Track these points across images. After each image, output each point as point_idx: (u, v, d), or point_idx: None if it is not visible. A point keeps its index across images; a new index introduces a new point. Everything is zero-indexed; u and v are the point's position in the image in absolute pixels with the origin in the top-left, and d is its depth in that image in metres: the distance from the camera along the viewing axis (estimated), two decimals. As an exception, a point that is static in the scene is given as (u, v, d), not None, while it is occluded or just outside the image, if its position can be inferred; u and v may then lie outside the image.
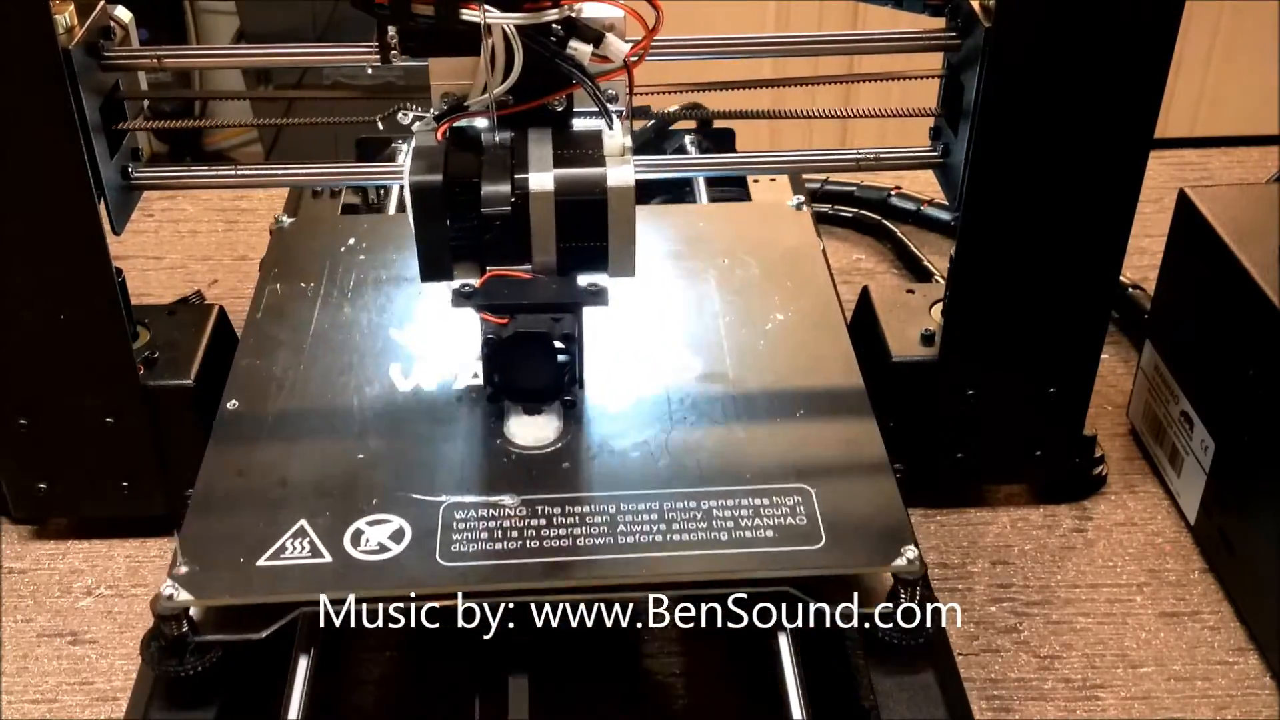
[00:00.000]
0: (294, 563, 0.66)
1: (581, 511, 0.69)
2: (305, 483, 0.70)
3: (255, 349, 0.80)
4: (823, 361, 0.79)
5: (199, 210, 1.20)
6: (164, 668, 0.65)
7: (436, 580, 0.65)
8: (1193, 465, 0.86)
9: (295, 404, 0.76)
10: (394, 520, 0.68)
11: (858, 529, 0.68)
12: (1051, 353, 0.82)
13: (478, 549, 0.66)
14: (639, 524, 0.68)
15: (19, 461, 0.83)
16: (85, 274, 0.75)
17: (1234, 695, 0.76)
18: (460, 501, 0.69)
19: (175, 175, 0.82)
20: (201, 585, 0.65)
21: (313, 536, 0.67)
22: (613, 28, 0.66)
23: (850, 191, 1.17)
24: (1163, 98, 0.72)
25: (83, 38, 0.71)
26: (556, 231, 0.67)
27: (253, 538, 0.67)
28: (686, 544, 0.67)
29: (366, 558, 0.66)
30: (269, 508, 0.69)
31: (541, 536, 0.67)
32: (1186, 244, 0.86)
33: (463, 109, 0.68)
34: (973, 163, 0.74)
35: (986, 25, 0.70)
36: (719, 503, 0.69)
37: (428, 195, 0.67)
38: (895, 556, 0.66)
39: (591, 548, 0.67)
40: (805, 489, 0.70)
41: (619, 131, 0.69)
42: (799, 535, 0.67)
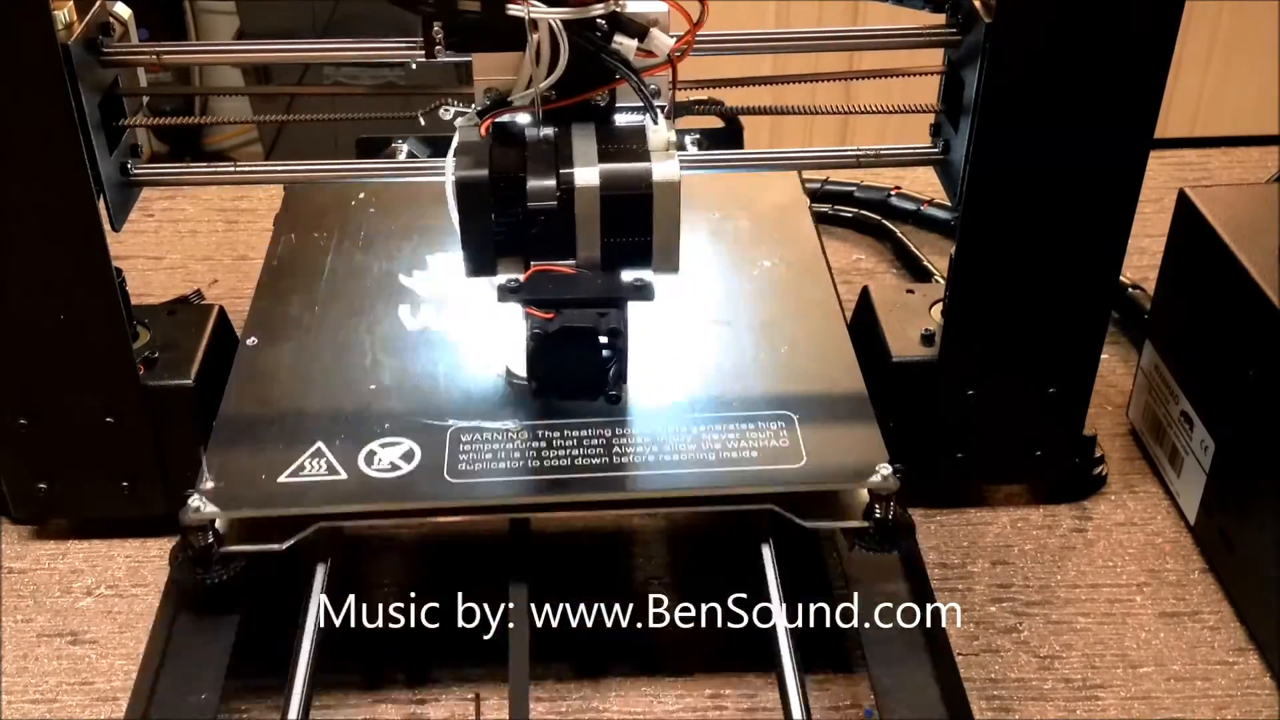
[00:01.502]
0: (313, 479, 0.71)
1: (579, 435, 0.73)
2: (321, 410, 0.75)
3: (272, 292, 0.85)
4: (807, 302, 0.84)
5: (199, 210, 1.20)
6: (190, 577, 0.71)
7: (445, 496, 0.70)
8: (1193, 465, 0.86)
9: (310, 340, 0.81)
10: (405, 442, 0.73)
11: (836, 451, 0.73)
12: (1051, 353, 0.82)
13: (483, 468, 0.72)
14: (632, 446, 0.73)
15: (19, 461, 0.82)
16: (85, 274, 0.75)
17: (1234, 695, 0.76)
18: (466, 426, 0.74)
19: (174, 172, 0.82)
20: (227, 499, 0.70)
21: (329, 456, 0.72)
22: (657, 22, 0.67)
23: (850, 191, 1.17)
24: (1163, 97, 0.72)
25: (82, 34, 0.71)
26: (601, 226, 0.68)
27: (273, 458, 0.72)
28: (676, 464, 0.72)
29: (379, 475, 0.71)
30: (288, 431, 0.74)
31: (542, 457, 0.72)
32: (1186, 244, 0.86)
33: (506, 104, 0.68)
34: (973, 159, 0.74)
35: (987, 21, 0.70)
36: (707, 427, 0.74)
37: (473, 190, 0.67)
38: (871, 473, 0.71)
39: (587, 467, 0.72)
40: (788, 415, 0.75)
41: (663, 126, 0.69)
42: (782, 456, 0.73)
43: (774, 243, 0.90)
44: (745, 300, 0.84)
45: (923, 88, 0.79)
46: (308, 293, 0.85)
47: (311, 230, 0.91)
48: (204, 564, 0.71)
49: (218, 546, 0.70)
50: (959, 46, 0.75)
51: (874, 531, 0.73)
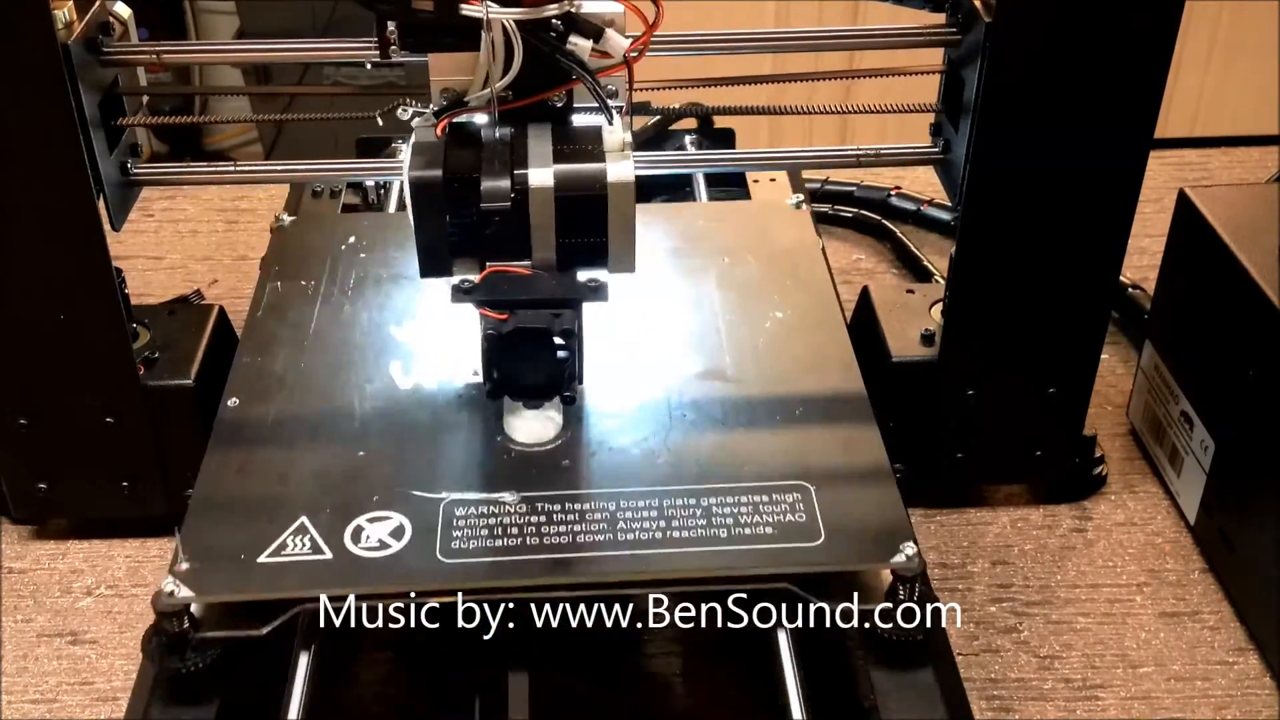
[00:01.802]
0: (295, 559, 0.66)
1: (581, 509, 0.69)
2: (306, 480, 0.71)
3: (256, 347, 0.80)
4: (822, 360, 0.79)
5: (199, 210, 1.20)
6: (165, 665, 0.66)
7: (437, 577, 0.65)
8: (1193, 465, 0.86)
9: (296, 402, 0.76)
10: (394, 517, 0.68)
11: (857, 526, 0.68)
12: (1051, 353, 0.82)
13: (478, 546, 0.67)
14: (638, 521, 0.68)
15: (19, 461, 0.82)
16: (85, 274, 0.75)
17: (1234, 695, 0.76)
18: (461, 498, 0.69)
19: (174, 171, 0.82)
20: (203, 582, 0.65)
21: (313, 533, 0.67)
22: (613, 23, 0.66)
23: (850, 191, 1.17)
24: (1163, 97, 0.72)
25: (82, 33, 0.71)
26: (556, 227, 0.67)
27: (254, 535, 0.67)
28: (686, 541, 0.67)
29: (367, 554, 0.66)
30: (270, 505, 0.69)
31: (542, 533, 0.67)
32: (1186, 244, 0.86)
33: (462, 105, 0.68)
34: (973, 159, 0.74)
35: (987, 21, 0.70)
36: (718, 500, 0.69)
37: (427, 190, 0.67)
38: (894, 553, 0.66)
39: (591, 544, 0.67)
40: (804, 486, 0.70)
41: (619, 127, 0.69)
42: (798, 532, 0.68)
43: (786, 292, 0.84)
44: (755, 356, 0.79)
45: (923, 87, 0.79)
46: (293, 347, 0.80)
47: (298, 276, 0.86)
48: (179, 650, 0.66)
49: (194, 632, 0.66)
50: (959, 46, 0.75)
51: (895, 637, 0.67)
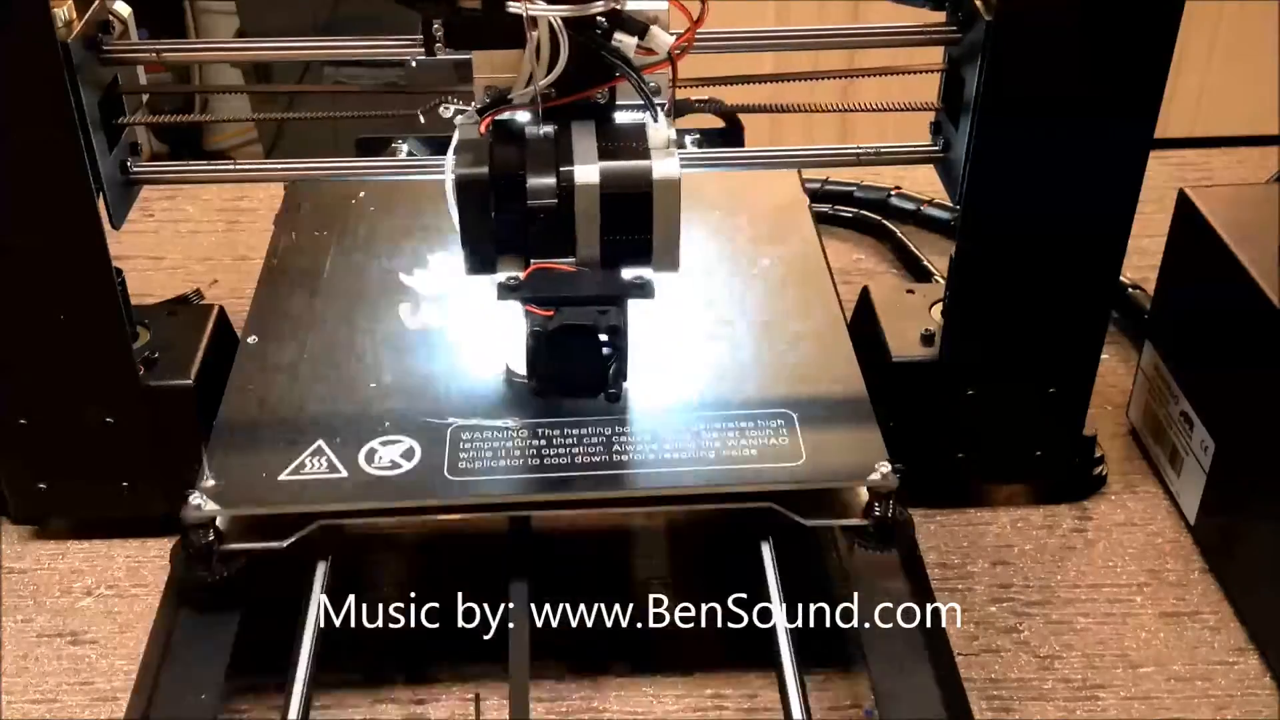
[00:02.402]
0: (313, 477, 0.71)
1: (579, 433, 0.73)
2: (322, 408, 0.76)
3: (272, 290, 0.85)
4: (806, 301, 0.84)
5: (199, 210, 1.20)
6: (192, 574, 0.71)
7: (446, 493, 0.70)
8: (1193, 465, 0.86)
9: (311, 339, 0.81)
10: (405, 440, 0.73)
11: (836, 448, 0.73)
12: (1051, 353, 0.82)
13: (483, 466, 0.72)
14: (632, 444, 0.73)
15: (19, 461, 0.82)
16: (85, 274, 0.75)
17: (1234, 695, 0.76)
18: (466, 424, 0.74)
19: (174, 170, 0.82)
20: (227, 497, 0.70)
21: (330, 454, 0.72)
22: (657, 20, 0.67)
23: (850, 191, 1.17)
24: (1163, 95, 0.72)
25: (81, 32, 0.70)
26: (601, 224, 0.68)
27: (274, 456, 0.72)
28: (676, 461, 0.72)
29: (380, 473, 0.71)
30: (288, 429, 0.74)
31: (542, 455, 0.72)
32: (1186, 244, 0.86)
33: (506, 102, 0.68)
34: (973, 157, 0.74)
35: (987, 19, 0.70)
36: (707, 425, 0.74)
37: (473, 188, 0.67)
38: (870, 471, 0.72)
39: (588, 465, 0.72)
40: (788, 413, 0.75)
41: (663, 124, 0.69)
42: (781, 454, 0.73)
43: (773, 241, 0.90)
44: (745, 299, 0.85)
45: (923, 86, 0.79)
46: (308, 291, 0.85)
47: (312, 229, 0.91)
48: (204, 562, 0.71)
49: (218, 544, 0.70)
50: (959, 44, 0.75)
51: (874, 530, 0.73)
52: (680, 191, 0.68)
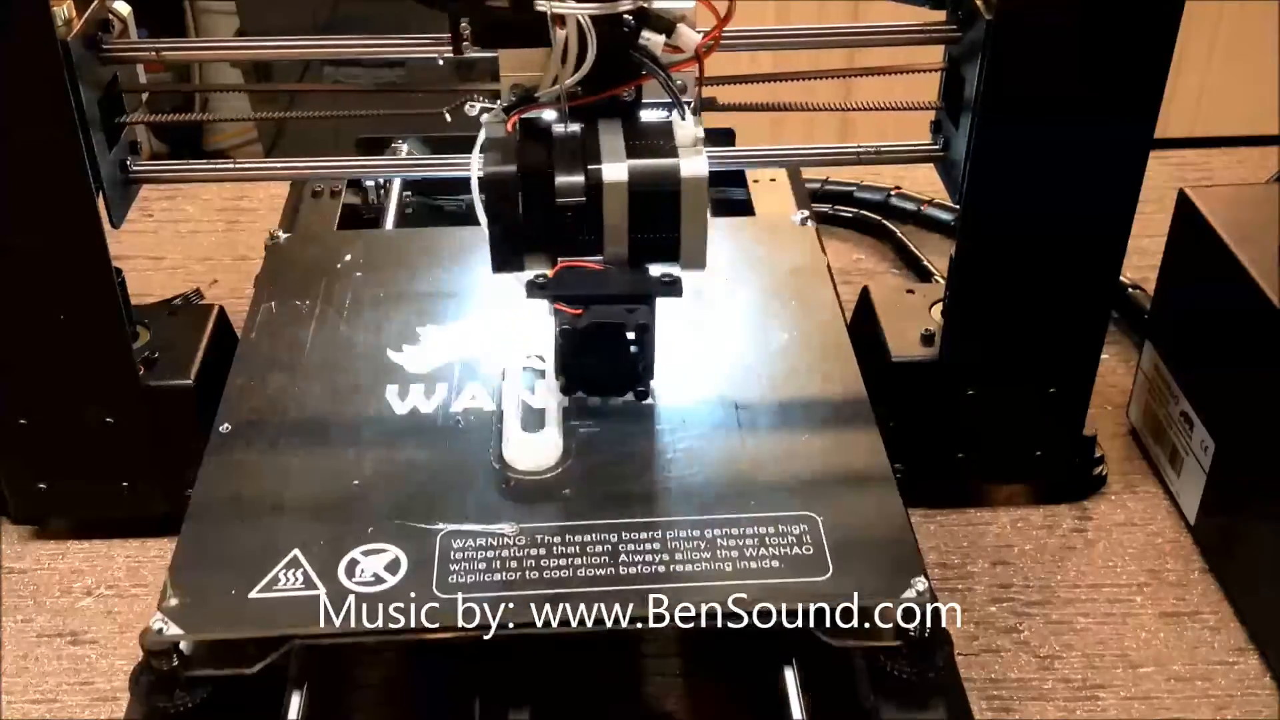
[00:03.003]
0: (287, 594, 0.64)
1: (582, 541, 0.67)
2: (299, 510, 0.69)
3: (249, 369, 0.79)
4: (828, 384, 0.78)
5: (199, 210, 1.20)
6: (154, 704, 0.64)
7: (434, 615, 0.63)
8: (1193, 465, 0.85)
9: (290, 427, 0.75)
10: (390, 550, 0.67)
11: (866, 558, 0.66)
12: (1051, 353, 0.82)
13: (476, 580, 0.65)
14: (641, 554, 0.66)
15: (19, 461, 0.82)
16: (85, 274, 0.75)
17: (1234, 695, 0.76)
18: (458, 530, 0.67)
19: (174, 168, 0.82)
20: (192, 619, 0.63)
21: (306, 567, 0.66)
22: (684, 18, 0.66)
23: (850, 191, 1.17)
24: (1163, 95, 0.72)
25: (81, 30, 0.70)
26: (629, 222, 0.67)
27: (245, 568, 0.65)
28: (690, 575, 0.65)
29: (361, 589, 0.64)
30: (262, 536, 0.67)
31: (541, 566, 0.66)
32: (1186, 244, 0.86)
33: (533, 100, 0.68)
34: (973, 156, 0.74)
35: (987, 18, 0.70)
36: (723, 531, 0.67)
37: (501, 186, 0.67)
38: (904, 588, 0.64)
39: (592, 579, 0.65)
40: (811, 517, 0.68)
41: (691, 122, 0.69)
42: (805, 565, 0.66)
43: (791, 313, 0.83)
44: (760, 380, 0.78)
45: (923, 85, 0.79)
46: (288, 371, 0.78)
47: (294, 296, 0.84)
48: (168, 689, 0.64)
49: (183, 670, 0.64)
50: (959, 43, 0.75)
51: (907, 651, 0.66)
52: (708, 189, 0.67)
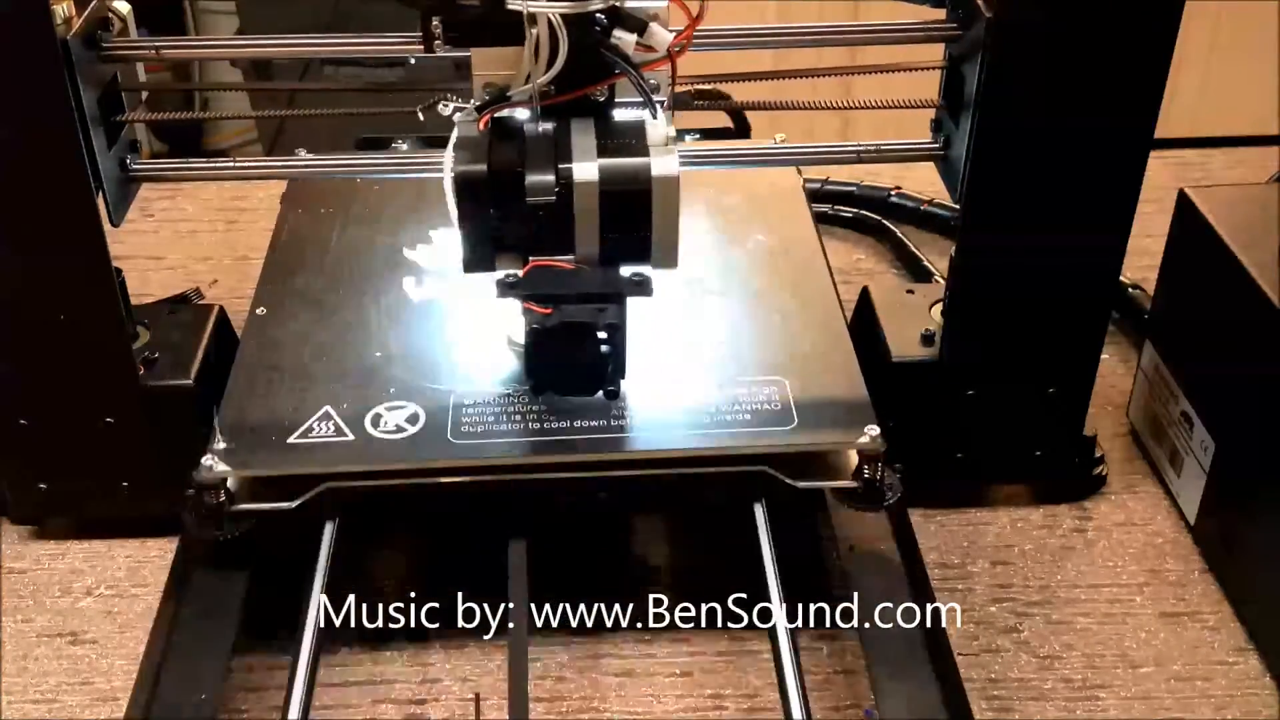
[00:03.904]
0: (321, 441, 0.73)
1: (579, 400, 0.75)
2: (328, 375, 0.78)
3: (280, 264, 0.87)
4: (799, 274, 0.86)
5: (199, 210, 1.20)
6: (203, 533, 0.73)
7: (449, 455, 0.72)
8: (1193, 465, 0.85)
9: (318, 310, 0.83)
10: (409, 406, 0.75)
11: (826, 412, 0.75)
12: (1051, 353, 0.82)
13: (485, 430, 0.74)
14: (631, 411, 0.75)
15: (19, 461, 0.82)
16: (85, 273, 0.75)
17: (1234, 695, 0.76)
18: (470, 390, 0.76)
19: (174, 167, 0.82)
20: (238, 458, 0.72)
21: (337, 419, 0.75)
22: (656, 17, 0.67)
23: (850, 191, 1.17)
24: (1163, 95, 0.72)
25: (81, 29, 0.70)
26: (600, 221, 0.68)
27: (283, 420, 0.74)
28: (674, 425, 0.74)
29: (385, 437, 0.73)
30: (297, 395, 0.76)
31: (543, 420, 0.74)
32: (1186, 244, 0.86)
33: (505, 99, 0.68)
34: (973, 155, 0.74)
35: (988, 16, 0.70)
36: (704, 392, 0.76)
37: (471, 185, 0.67)
38: (859, 434, 0.73)
39: (588, 429, 0.74)
40: (780, 380, 0.77)
41: (662, 121, 0.69)
42: (774, 418, 0.75)
43: (767, 220, 0.92)
44: (738, 271, 0.86)
45: (924, 83, 0.79)
46: (315, 265, 0.87)
47: (318, 207, 0.93)
48: (215, 522, 0.72)
49: (229, 504, 0.72)
50: (960, 42, 0.75)
51: (862, 491, 0.74)
52: (679, 189, 0.68)
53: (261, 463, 0.72)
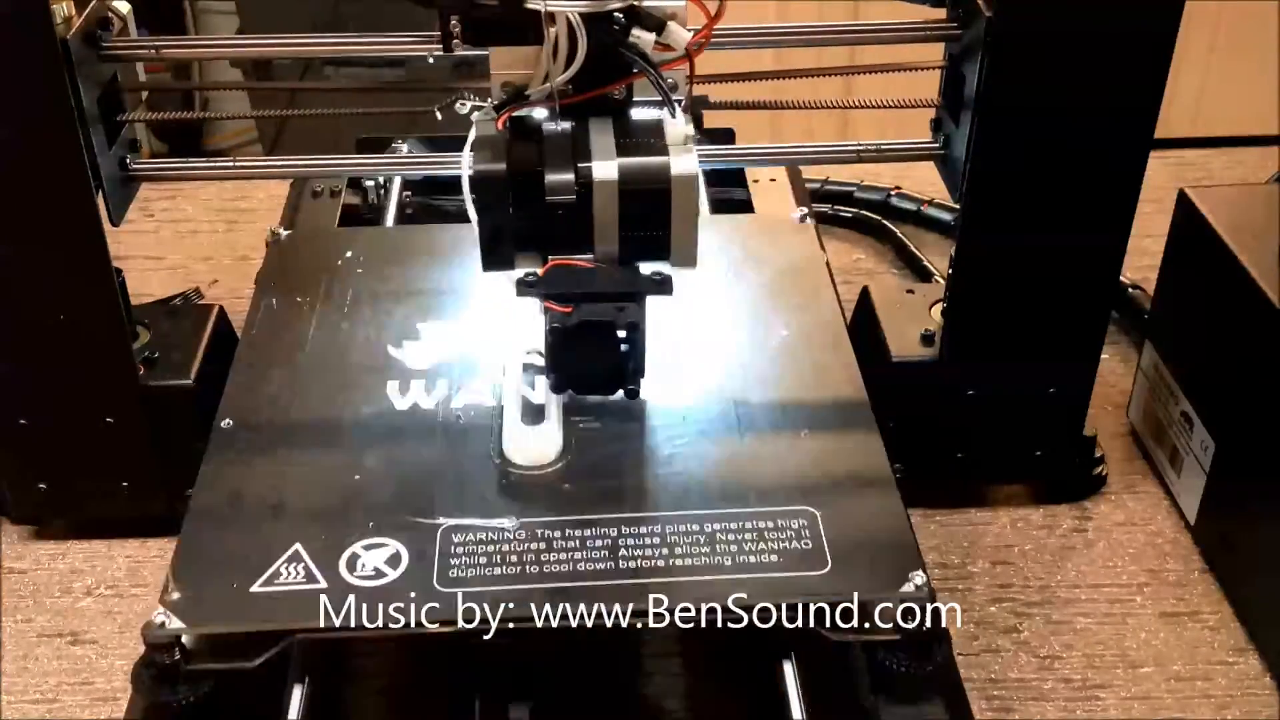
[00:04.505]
0: (288, 589, 0.64)
1: (582, 535, 0.67)
2: (300, 505, 0.69)
3: (250, 366, 0.79)
4: (827, 380, 0.78)
5: (199, 210, 1.20)
6: (156, 697, 0.64)
7: (434, 609, 0.63)
8: (1193, 465, 0.85)
9: (290, 423, 0.75)
10: (390, 544, 0.67)
11: (864, 553, 0.67)
12: (1051, 353, 0.82)
13: (476, 574, 0.65)
14: (641, 548, 0.67)
15: (19, 461, 0.82)
16: (85, 273, 0.75)
17: (1234, 695, 0.76)
18: (458, 524, 0.68)
19: (173, 166, 0.82)
20: (194, 612, 0.63)
21: (307, 561, 0.66)
22: (674, 16, 0.66)
23: (850, 191, 1.17)
24: (1163, 95, 0.72)
25: (81, 28, 0.71)
26: (619, 220, 0.67)
27: (246, 563, 0.65)
28: (689, 569, 0.65)
29: (362, 583, 0.65)
30: (263, 531, 0.67)
31: (541, 561, 0.66)
32: (1186, 244, 0.86)
33: (523, 98, 0.68)
34: (973, 155, 0.74)
35: (988, 16, 0.70)
36: (723, 525, 0.68)
37: (490, 184, 0.66)
38: (903, 582, 0.65)
39: (592, 573, 0.65)
40: (810, 511, 0.68)
41: (681, 120, 0.69)
42: (804, 559, 0.66)
43: (791, 309, 0.83)
44: (759, 376, 0.78)
45: (924, 83, 0.79)
46: (288, 367, 0.78)
47: (294, 293, 0.84)
48: (170, 682, 0.64)
49: (184, 663, 0.64)
50: (960, 41, 0.75)
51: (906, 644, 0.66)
52: (698, 188, 0.67)
53: (219, 618, 0.64)
